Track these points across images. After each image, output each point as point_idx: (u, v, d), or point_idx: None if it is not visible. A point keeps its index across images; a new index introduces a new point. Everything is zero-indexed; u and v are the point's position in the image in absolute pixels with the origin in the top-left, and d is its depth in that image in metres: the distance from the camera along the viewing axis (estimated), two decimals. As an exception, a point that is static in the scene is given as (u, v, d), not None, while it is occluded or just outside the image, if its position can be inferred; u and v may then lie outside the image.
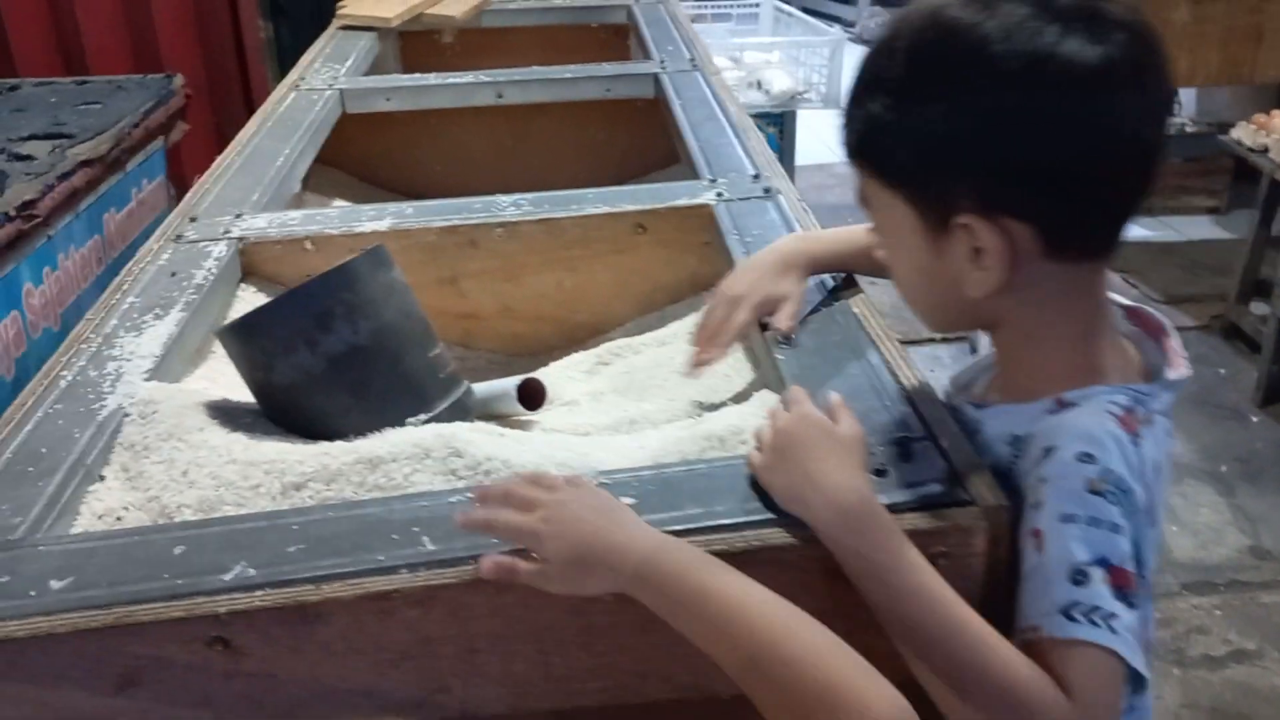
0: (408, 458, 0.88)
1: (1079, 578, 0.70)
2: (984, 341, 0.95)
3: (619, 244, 1.37)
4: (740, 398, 1.07)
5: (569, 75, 2.01)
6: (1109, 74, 0.69)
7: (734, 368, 1.15)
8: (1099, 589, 0.70)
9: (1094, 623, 0.69)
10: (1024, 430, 0.79)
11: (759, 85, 2.86)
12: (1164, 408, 0.78)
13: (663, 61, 2.06)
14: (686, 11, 2.65)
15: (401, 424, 0.97)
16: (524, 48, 2.56)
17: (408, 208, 1.40)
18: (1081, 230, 0.75)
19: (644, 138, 2.14)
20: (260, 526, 0.80)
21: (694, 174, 1.54)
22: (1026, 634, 0.71)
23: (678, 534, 0.75)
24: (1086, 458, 0.73)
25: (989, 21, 0.70)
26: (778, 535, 0.76)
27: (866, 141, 0.78)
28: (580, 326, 1.43)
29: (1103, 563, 0.70)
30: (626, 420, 1.08)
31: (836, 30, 2.95)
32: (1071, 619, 0.69)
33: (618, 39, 2.70)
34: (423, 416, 0.99)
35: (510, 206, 1.39)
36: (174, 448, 0.92)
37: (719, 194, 1.38)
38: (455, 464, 0.87)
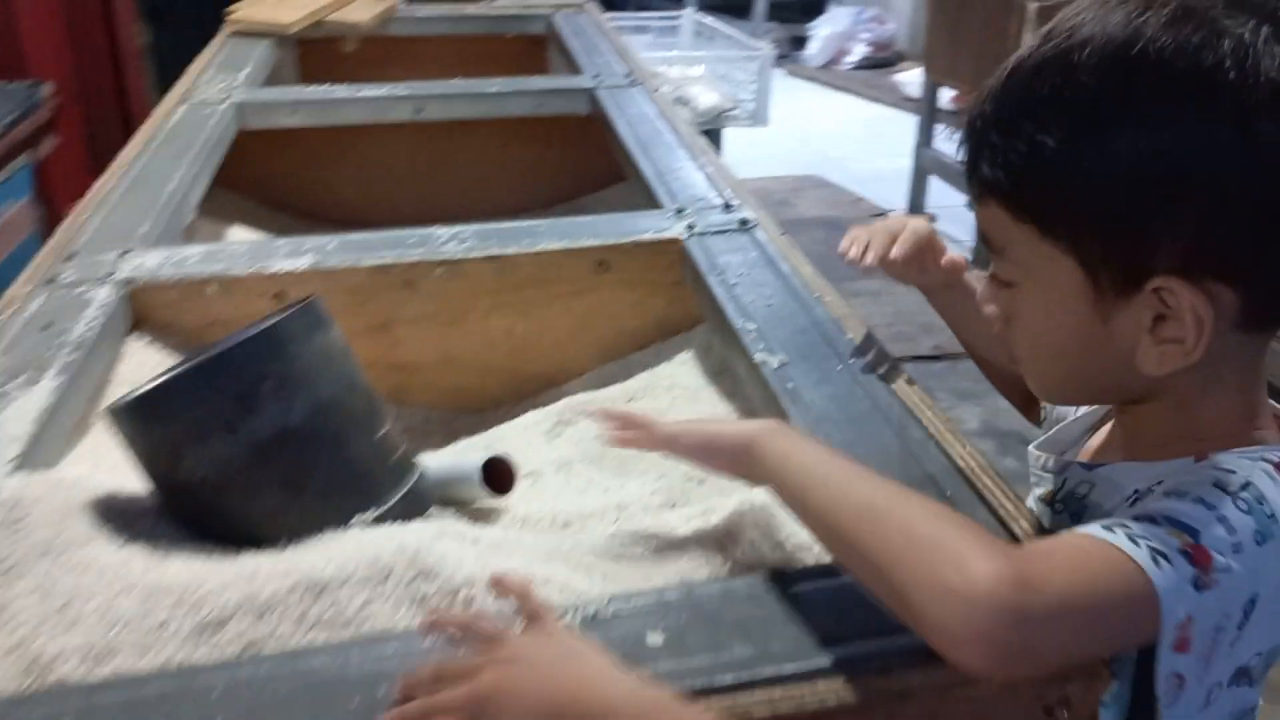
0: (362, 580, 0.69)
1: (1143, 518, 0.58)
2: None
3: (578, 284, 1.20)
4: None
5: (496, 90, 1.83)
6: None
7: (732, 435, 0.98)
8: (1163, 535, 0.57)
9: (1133, 541, 0.56)
10: (1149, 484, 0.66)
11: (684, 102, 2.72)
12: None
13: (597, 76, 1.90)
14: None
15: (345, 524, 0.78)
16: (434, 58, 2.36)
17: (330, 242, 1.20)
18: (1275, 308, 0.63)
19: (578, 157, 1.97)
20: (169, 691, 0.60)
21: (645, 198, 1.38)
22: None
23: (729, 689, 0.59)
24: (1223, 470, 0.61)
25: (1220, 41, 0.57)
26: (859, 689, 0.60)
27: (1026, 178, 0.63)
28: (533, 378, 1.25)
29: (1188, 530, 0.57)
30: (612, 505, 0.91)
31: (765, 46, 2.83)
32: (1108, 530, 0.57)
33: (536, 50, 2.53)
34: (372, 513, 0.80)
35: (451, 241, 1.20)
36: (51, 569, 0.71)
37: (690, 226, 1.22)
38: (424, 589, 0.68)
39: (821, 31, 6.65)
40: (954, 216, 4.13)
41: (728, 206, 1.27)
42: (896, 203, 4.20)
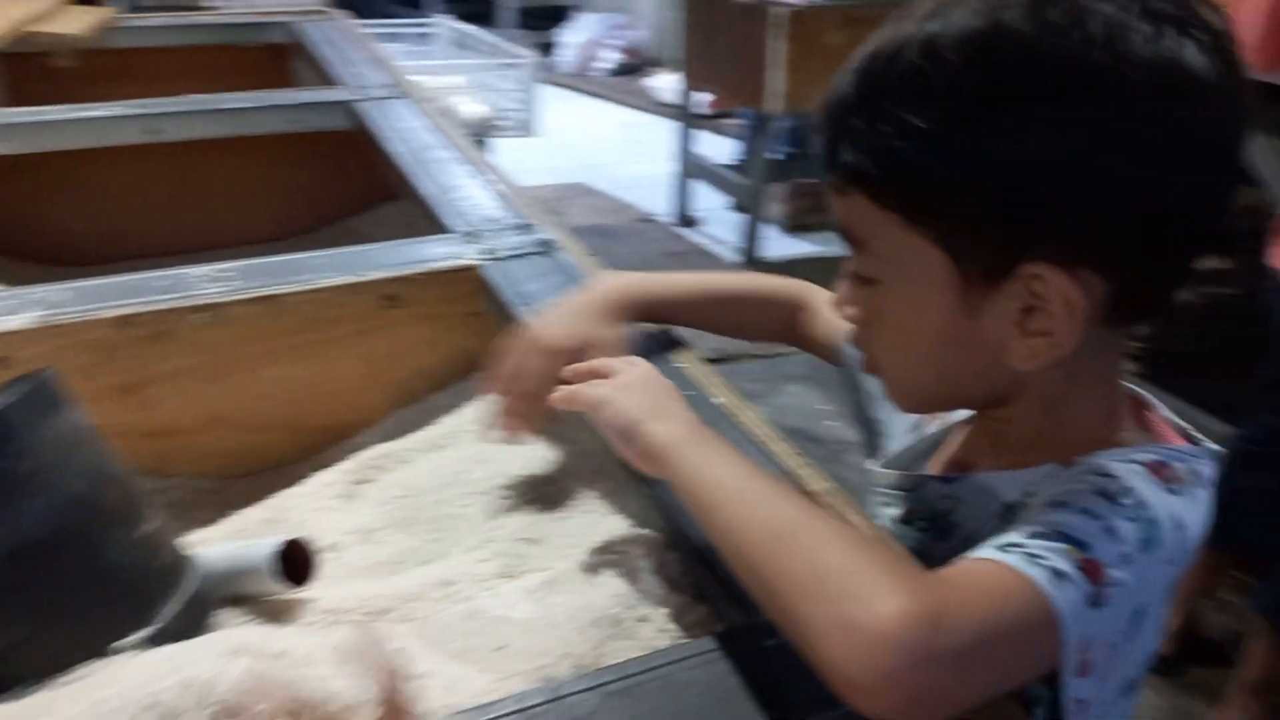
0: (141, 731, 0.54)
1: (1036, 534, 0.55)
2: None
3: (364, 322, 1.06)
4: (590, 533, 0.81)
5: (243, 105, 1.65)
6: (1231, 91, 0.57)
7: (562, 480, 0.88)
8: (1057, 551, 0.54)
9: (1032, 561, 0.53)
10: (1019, 495, 0.63)
11: (447, 114, 2.58)
12: (1209, 475, 0.63)
13: (355, 87, 1.75)
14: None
15: (105, 650, 0.63)
16: (163, 72, 2.13)
17: (60, 290, 1.01)
18: (1165, 284, 0.61)
19: (339, 176, 1.82)
20: None
21: (427, 220, 1.26)
22: None
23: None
24: (1102, 476, 0.59)
25: (1086, 21, 0.54)
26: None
27: (893, 165, 0.58)
28: (319, 432, 1.10)
29: (1077, 544, 0.54)
30: (436, 581, 0.78)
31: (529, 53, 2.73)
32: (1004, 551, 0.54)
33: (278, 61, 2.33)
34: (143, 633, 0.65)
35: (209, 282, 1.04)
36: None
37: (486, 251, 1.11)
38: (228, 733, 0.54)
39: (572, 39, 6.63)
40: (718, 219, 4.18)
41: (524, 227, 1.17)
42: (660, 206, 4.21)
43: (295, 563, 0.77)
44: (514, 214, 1.21)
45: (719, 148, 4.43)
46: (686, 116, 4.03)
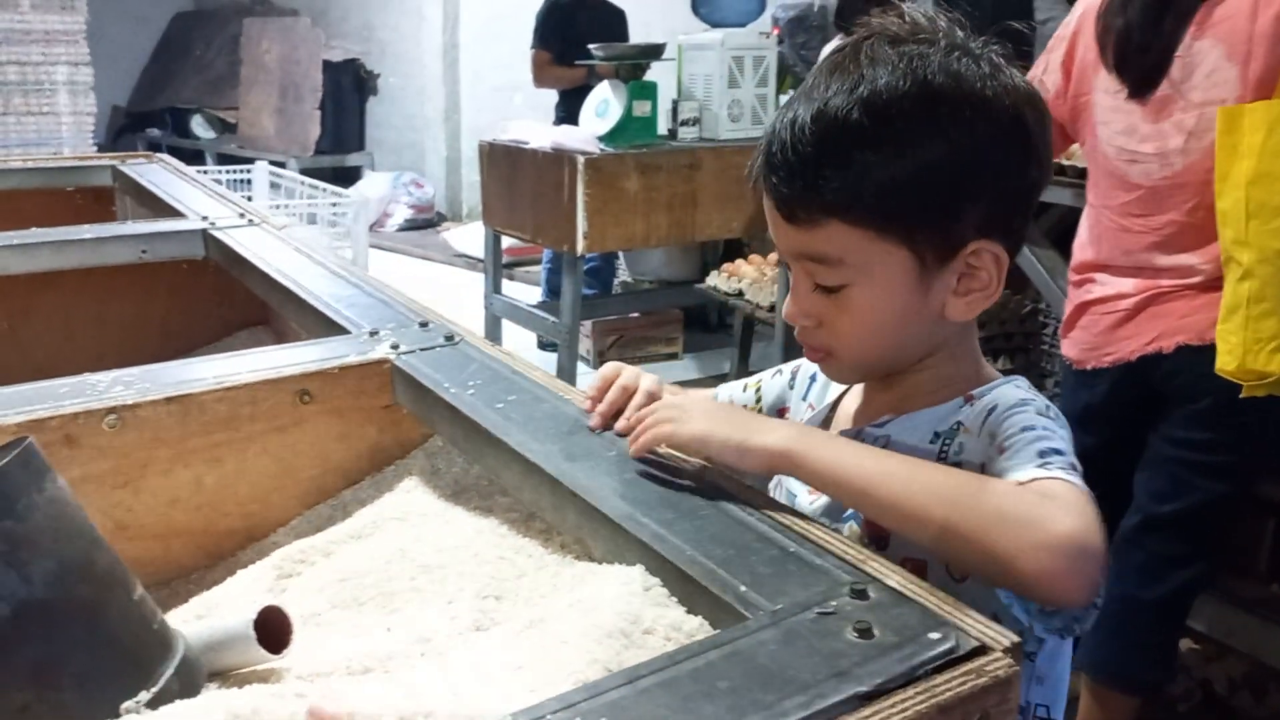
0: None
1: (1043, 458, 0.75)
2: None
3: (279, 418, 1.07)
4: (556, 580, 0.84)
5: (89, 236, 1.62)
6: (1041, 111, 0.83)
7: (510, 544, 0.91)
8: (1061, 465, 0.74)
9: (1068, 468, 0.74)
10: (945, 425, 0.84)
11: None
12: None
13: (205, 218, 1.74)
14: None
15: (116, 713, 0.61)
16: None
17: (-46, 401, 0.97)
18: (1020, 245, 0.86)
19: (188, 306, 1.80)
20: None
21: (318, 327, 1.28)
22: None
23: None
24: (1023, 402, 0.81)
25: (972, 64, 0.80)
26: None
27: (865, 193, 0.78)
28: (228, 535, 1.07)
29: (1059, 454, 0.75)
30: (411, 640, 0.79)
31: (358, 194, 2.76)
32: (1046, 468, 0.73)
33: (99, 205, 2.28)
34: (144, 696, 0.63)
35: (118, 386, 1.02)
36: None
37: (394, 346, 1.14)
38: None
39: (364, 195, 6.69)
40: (528, 357, 4.27)
41: (425, 325, 1.21)
42: (475, 349, 4.26)
43: (272, 630, 0.77)
44: (411, 313, 1.24)
45: (516, 291, 4.59)
46: (495, 263, 4.14)
